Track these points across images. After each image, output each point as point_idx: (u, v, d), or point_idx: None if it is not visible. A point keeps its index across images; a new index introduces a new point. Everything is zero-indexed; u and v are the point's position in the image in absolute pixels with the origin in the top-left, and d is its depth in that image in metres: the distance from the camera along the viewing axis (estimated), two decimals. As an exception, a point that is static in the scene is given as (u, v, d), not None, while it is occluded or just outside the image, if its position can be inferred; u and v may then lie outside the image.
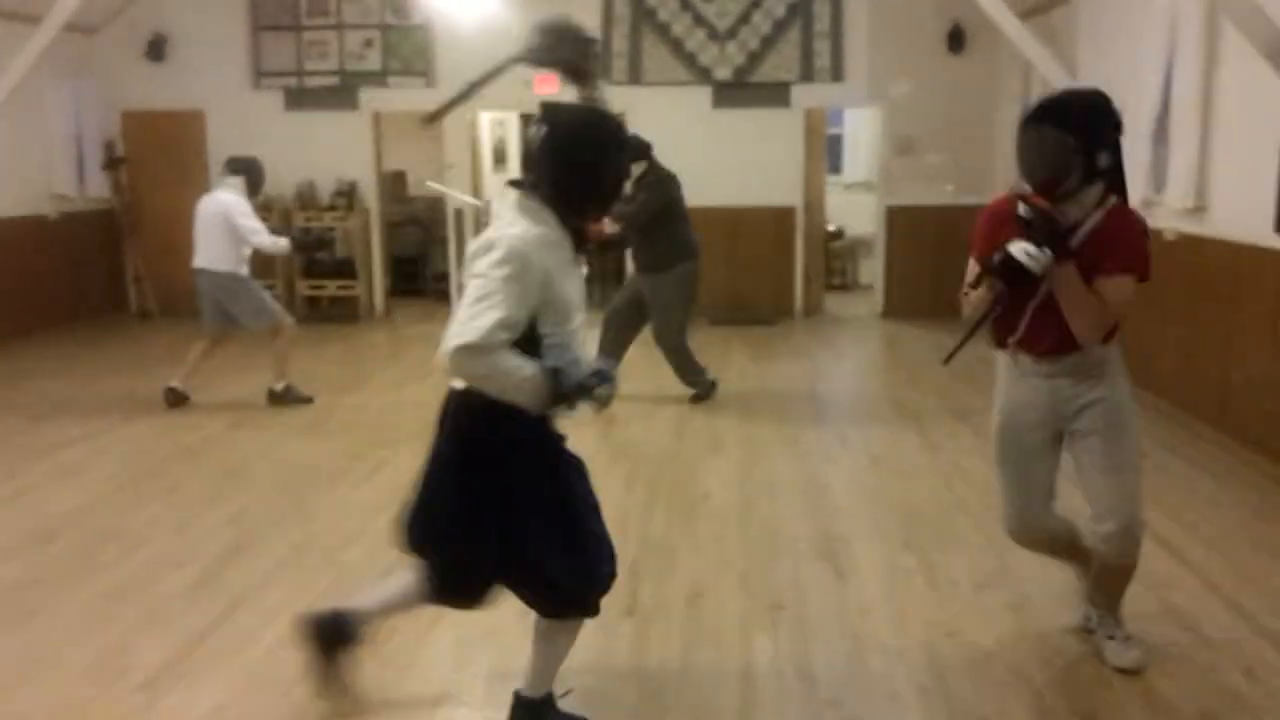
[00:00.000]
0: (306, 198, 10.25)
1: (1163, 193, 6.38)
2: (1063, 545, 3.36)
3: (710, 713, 3.04)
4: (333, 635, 2.97)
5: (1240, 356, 5.50)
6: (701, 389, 6.92)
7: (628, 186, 6.63)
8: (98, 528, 4.57)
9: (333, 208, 10.26)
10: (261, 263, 10.05)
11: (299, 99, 10.35)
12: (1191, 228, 6.08)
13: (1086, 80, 7.80)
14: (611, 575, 2.82)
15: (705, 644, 3.43)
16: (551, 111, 2.69)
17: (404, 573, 2.94)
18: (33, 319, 9.34)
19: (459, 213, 10.50)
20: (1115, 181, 2.99)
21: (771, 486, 5.13)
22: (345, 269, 10.37)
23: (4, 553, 4.28)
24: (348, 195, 10.30)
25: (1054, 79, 8.07)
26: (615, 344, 6.94)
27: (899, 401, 6.90)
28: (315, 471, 5.39)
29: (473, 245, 2.67)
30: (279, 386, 6.82)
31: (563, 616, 2.81)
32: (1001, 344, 3.19)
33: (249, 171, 6.79)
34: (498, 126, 11.89)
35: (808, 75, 10.04)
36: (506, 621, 3.60)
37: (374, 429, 6.22)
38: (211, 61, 10.29)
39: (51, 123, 9.60)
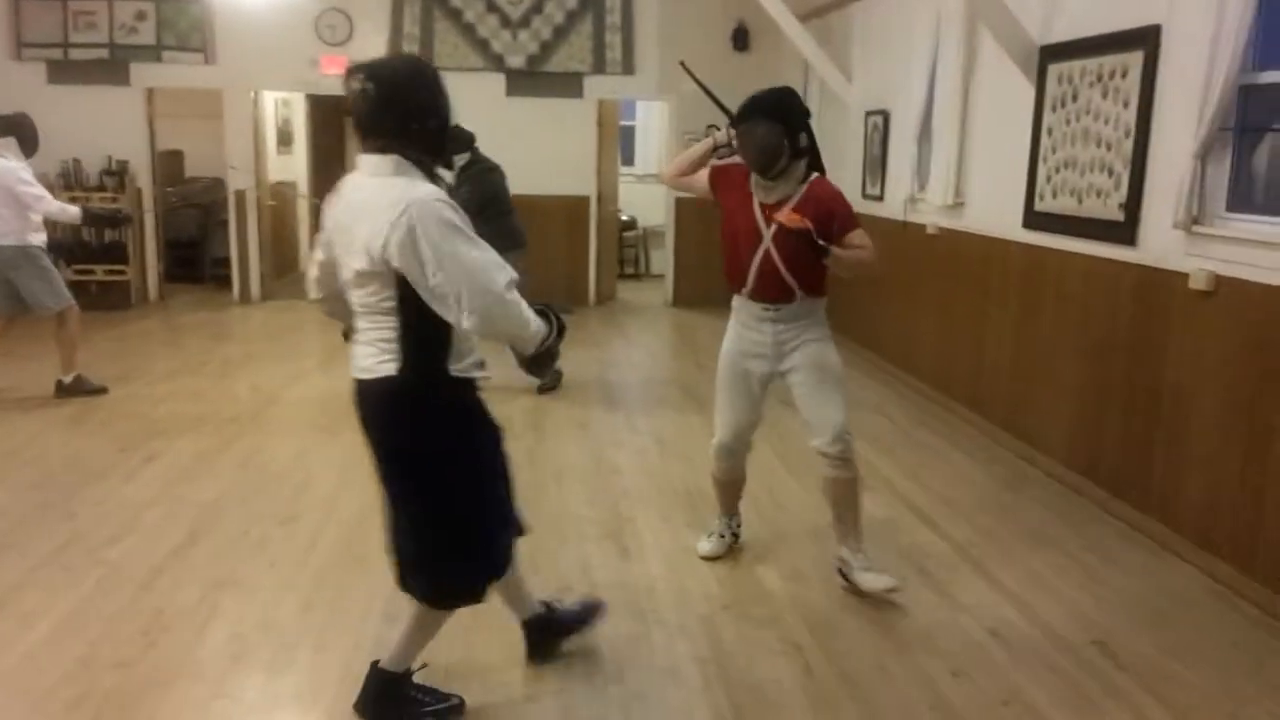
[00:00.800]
0: (72, 177, 9.58)
1: (925, 189, 6.83)
2: (741, 472, 4.10)
3: (497, 692, 3.08)
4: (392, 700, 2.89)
5: (991, 342, 5.96)
6: (550, 380, 6.88)
7: (450, 178, 6.59)
8: None
9: (101, 188, 9.64)
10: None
11: (64, 72, 9.67)
12: (950, 223, 6.53)
13: (860, 81, 8.25)
14: (507, 559, 2.93)
15: (491, 626, 3.45)
16: (370, 68, 2.59)
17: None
18: None
19: (240, 195, 10.08)
20: (813, 158, 3.68)
21: (561, 470, 5.20)
22: (115, 252, 9.75)
23: None
24: (118, 175, 9.69)
25: (830, 79, 8.49)
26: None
27: (686, 387, 7.11)
28: (80, 465, 5.09)
29: (339, 217, 2.61)
30: (68, 378, 6.33)
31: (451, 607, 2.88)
32: (736, 289, 3.85)
33: (20, 130, 6.19)
34: (283, 106, 11.44)
35: (600, 66, 10.15)
36: (282, 616, 3.53)
37: (146, 420, 5.91)
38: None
39: None
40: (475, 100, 9.82)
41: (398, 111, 2.55)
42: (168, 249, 10.58)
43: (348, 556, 4.07)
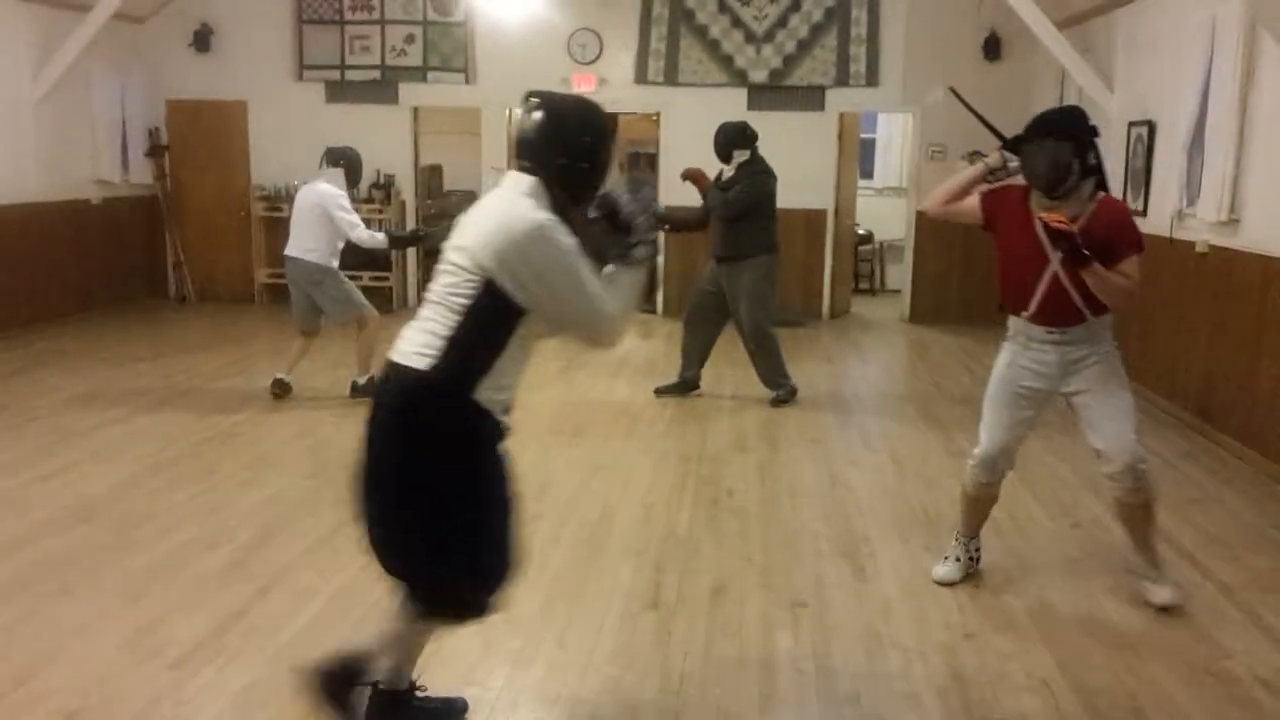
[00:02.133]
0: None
1: (1195, 205, 6.37)
2: (995, 491, 3.98)
3: (731, 706, 3.10)
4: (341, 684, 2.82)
5: (1267, 370, 5.49)
6: (784, 391, 6.86)
7: (727, 172, 6.75)
8: (133, 508, 4.68)
9: (370, 200, 10.37)
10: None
11: (340, 92, 10.49)
12: (1223, 240, 6.07)
13: (1122, 90, 7.80)
14: (502, 580, 2.72)
15: (727, 639, 3.48)
16: (547, 98, 2.70)
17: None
18: (75, 302, 9.50)
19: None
20: (1100, 177, 3.62)
21: (794, 486, 5.17)
22: (380, 260, 10.47)
23: (43, 529, 4.40)
24: (385, 188, 10.41)
25: (1090, 88, 8.07)
26: (700, 344, 6.95)
27: (923, 405, 6.92)
28: (347, 457, 5.44)
29: (469, 214, 2.66)
30: (362, 379, 6.77)
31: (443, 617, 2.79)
32: (1015, 312, 3.78)
33: (348, 162, 6.76)
34: (533, 123, 11.96)
35: (843, 79, 10.06)
36: (527, 610, 3.69)
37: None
38: (256, 53, 10.44)
39: (98, 110, 9.75)
40: (717, 115, 9.94)
41: (555, 143, 2.63)
42: (426, 257, 11.24)
43: (589, 557, 4.20)
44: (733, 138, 6.71)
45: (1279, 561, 4.29)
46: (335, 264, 6.67)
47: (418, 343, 2.61)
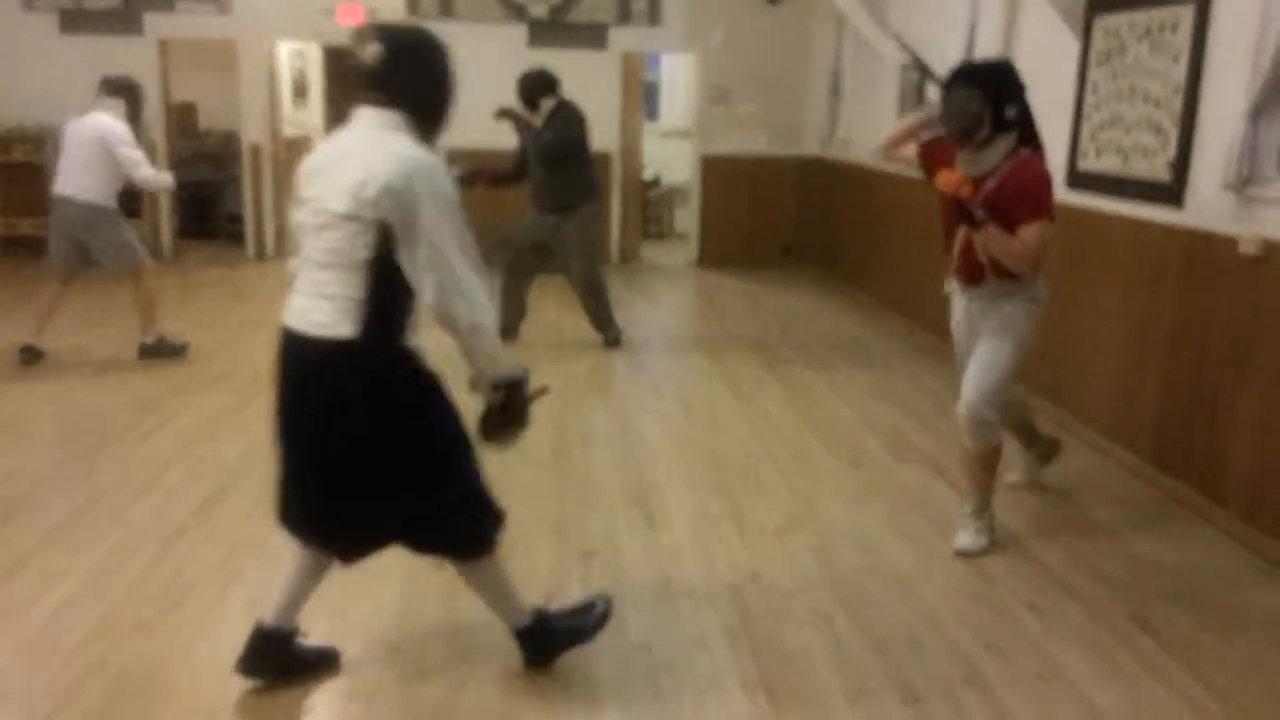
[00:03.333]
0: (87, 129, 9.46)
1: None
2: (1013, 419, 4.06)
3: (518, 658, 3.00)
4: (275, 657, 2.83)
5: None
6: (614, 333, 6.93)
7: (537, 121, 6.58)
8: None
9: (117, 141, 9.51)
10: (37, 199, 9.34)
11: (76, 22, 9.52)
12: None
13: (896, 37, 8.03)
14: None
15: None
16: (387, 30, 2.58)
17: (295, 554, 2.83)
18: None
19: (254, 149, 9.96)
20: (1026, 134, 3.55)
21: (586, 435, 5.11)
22: (128, 208, 9.65)
23: None
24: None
25: (866, 33, 8.27)
26: (517, 294, 6.84)
27: (712, 351, 6.99)
28: (100, 424, 5.03)
29: (320, 163, 2.55)
30: (149, 339, 6.24)
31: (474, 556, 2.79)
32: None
33: (130, 93, 6.19)
34: (297, 58, 11.28)
35: (625, 17, 9.95)
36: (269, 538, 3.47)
37: (163, 379, 5.85)
38: (-26, -23, 9.33)
39: None
40: (495, 52, 9.66)
41: (406, 72, 2.53)
42: (180, 205, 10.47)
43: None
44: (536, 86, 6.59)
45: (1038, 491, 4.54)
46: (114, 205, 6.09)
47: (327, 311, 2.48)
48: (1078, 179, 5.25)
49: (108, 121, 6.00)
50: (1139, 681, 3.01)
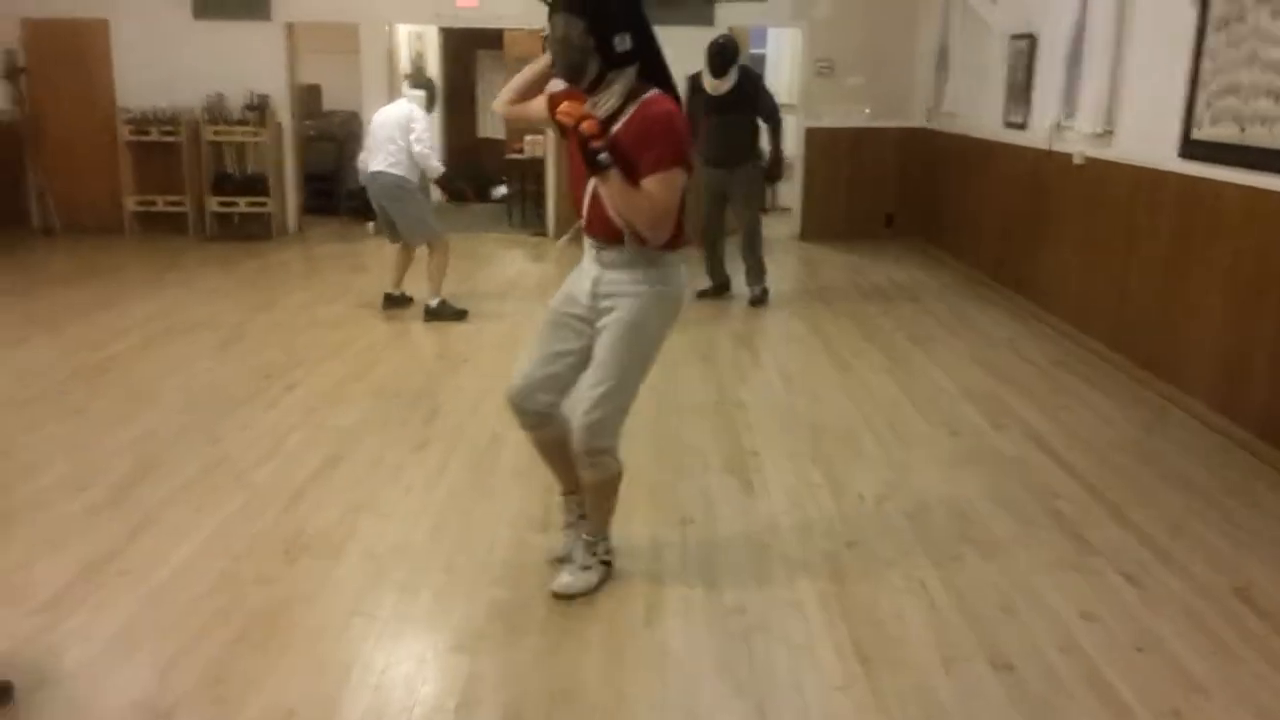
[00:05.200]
0: (216, 111, 9.92)
1: (1074, 117, 6.49)
2: (548, 438, 3.22)
3: (619, 620, 3.11)
4: None
5: (1136, 279, 5.67)
6: (762, 287, 7.48)
7: (720, 86, 7.06)
8: (-3, 450, 4.46)
9: (243, 122, 9.95)
10: (170, 177, 9.85)
11: (208, 7, 9.94)
12: (1098, 152, 6.20)
13: (1005, 4, 7.85)
14: None
15: (616, 557, 3.49)
16: None
17: None
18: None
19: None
20: (651, 70, 2.93)
21: (683, 403, 5.19)
22: (257, 185, 10.10)
23: None
24: (259, 109, 9.98)
25: (975, 2, 8.11)
26: (719, 256, 7.64)
27: (812, 321, 7.01)
28: (225, 392, 5.32)
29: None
30: (434, 302, 6.87)
31: None
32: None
33: (430, 87, 6.97)
34: (416, 40, 11.58)
35: (731, -9, 9.93)
36: (415, 539, 3.65)
37: (286, 349, 6.13)
38: (115, -33, 9.82)
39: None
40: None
41: None
42: (305, 182, 10.87)
43: (475, 483, 4.16)
44: (732, 52, 7.04)
45: (1141, 462, 4.46)
46: (416, 182, 6.78)
47: None
48: (1192, 148, 5.09)
49: (411, 109, 6.70)
50: (1238, 654, 2.97)
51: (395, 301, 7.08)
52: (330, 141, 11.46)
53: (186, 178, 9.92)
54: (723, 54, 7.04)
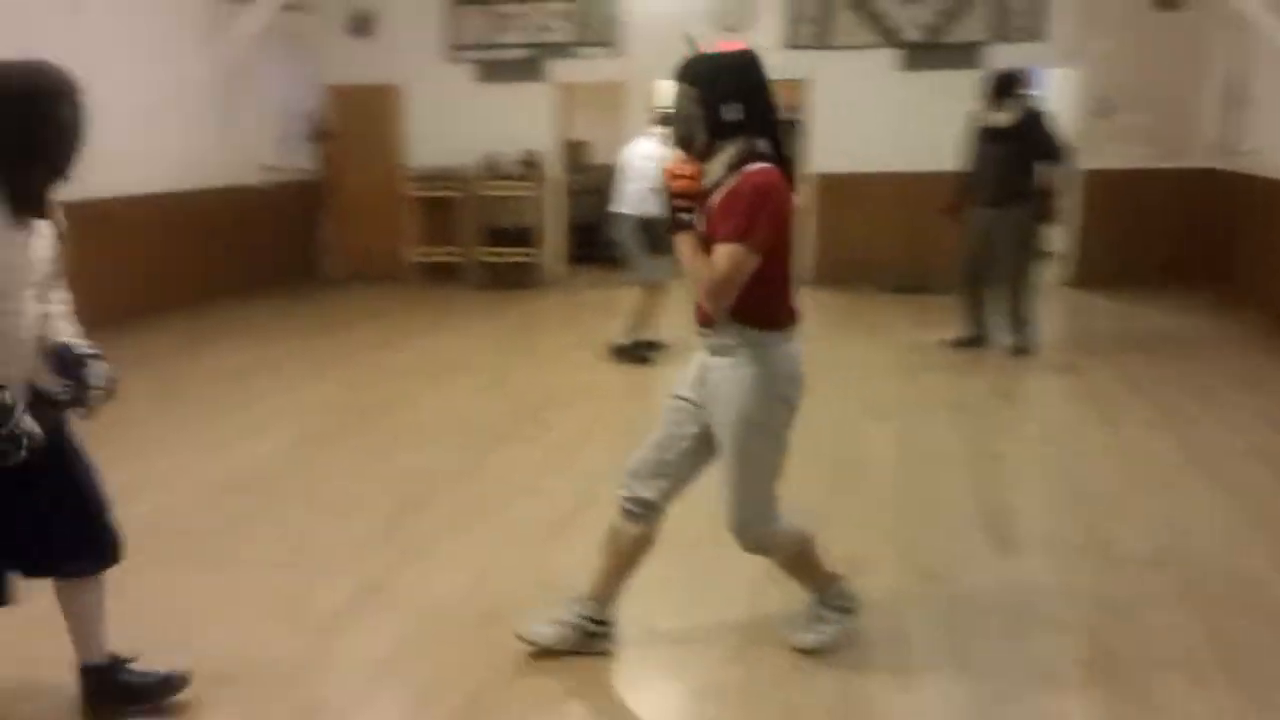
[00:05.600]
0: (492, 168, 10.58)
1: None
2: (629, 536, 3.15)
3: (863, 677, 3.03)
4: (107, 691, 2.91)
5: None
6: (1027, 339, 6.99)
7: (1000, 119, 6.86)
8: (286, 478, 4.88)
9: (516, 177, 10.55)
10: (448, 230, 10.57)
11: (490, 71, 10.65)
12: None
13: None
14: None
15: (854, 602, 3.41)
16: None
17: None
18: (239, 281, 9.89)
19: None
20: (765, 139, 2.85)
21: (933, 452, 5.02)
22: (526, 237, 10.66)
23: (202, 501, 4.61)
24: (531, 165, 10.56)
25: (1276, 38, 7.48)
26: (979, 303, 7.16)
27: (1079, 372, 6.61)
28: (490, 429, 5.60)
29: None
30: (626, 341, 7.03)
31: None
32: None
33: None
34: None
35: (1003, 34, 9.64)
36: (672, 580, 3.68)
37: (546, 391, 6.41)
38: (410, 37, 10.70)
39: (263, 96, 10.19)
40: (865, 79, 9.72)
41: None
42: (571, 232, 11.35)
43: (715, 530, 4.17)
44: (1009, 83, 6.89)
45: None
46: (639, 218, 6.85)
47: None
48: None
49: (645, 146, 6.90)
50: None
51: (641, 347, 7.07)
52: (595, 194, 11.93)
53: (462, 230, 10.62)
54: (998, 84, 6.87)
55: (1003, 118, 6.84)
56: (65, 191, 2.57)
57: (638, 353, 6.98)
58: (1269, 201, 8.07)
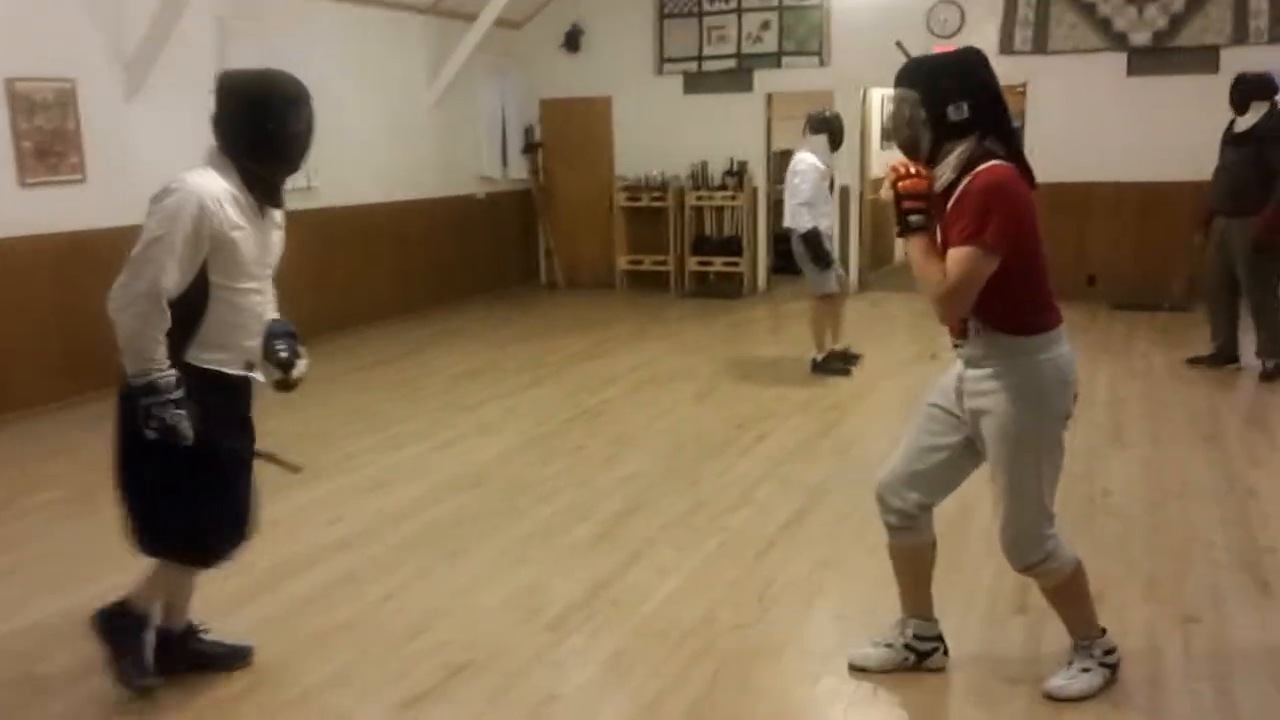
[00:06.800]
0: (699, 178, 10.63)
1: None
2: (907, 546, 3.04)
3: (1111, 721, 2.85)
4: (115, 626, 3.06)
5: None
6: (1277, 366, 6.55)
7: (1241, 123, 6.56)
8: (514, 479, 5.03)
9: (723, 187, 10.56)
10: (657, 238, 10.69)
11: (697, 82, 10.72)
12: None
13: None
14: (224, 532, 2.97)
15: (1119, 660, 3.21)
16: (220, 78, 2.90)
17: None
18: (460, 288, 10.36)
19: (844, 190, 10.45)
20: (997, 138, 2.73)
21: (1184, 487, 4.68)
22: (732, 246, 10.65)
23: (437, 495, 4.83)
24: (738, 175, 10.54)
25: None
26: (1230, 312, 6.76)
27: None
28: (702, 439, 5.61)
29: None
30: (819, 355, 6.99)
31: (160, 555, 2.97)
32: None
33: (828, 129, 6.88)
34: (890, 103, 11.68)
35: (1241, 36, 8.98)
36: (883, 604, 3.58)
37: (756, 401, 6.37)
38: (620, 50, 10.90)
39: (481, 111, 10.59)
40: (1088, 84, 9.26)
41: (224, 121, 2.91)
42: (774, 243, 11.27)
43: (944, 553, 4.02)
44: (1253, 89, 6.51)
45: None
46: (810, 228, 6.66)
47: None
48: None
49: (797, 158, 6.76)
50: None
51: (836, 358, 6.97)
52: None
53: (671, 239, 10.72)
54: (1239, 86, 6.53)
55: (1242, 122, 6.47)
56: (298, 201, 2.88)
57: (835, 366, 6.89)
58: None
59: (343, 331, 8.49)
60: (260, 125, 2.80)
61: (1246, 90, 6.51)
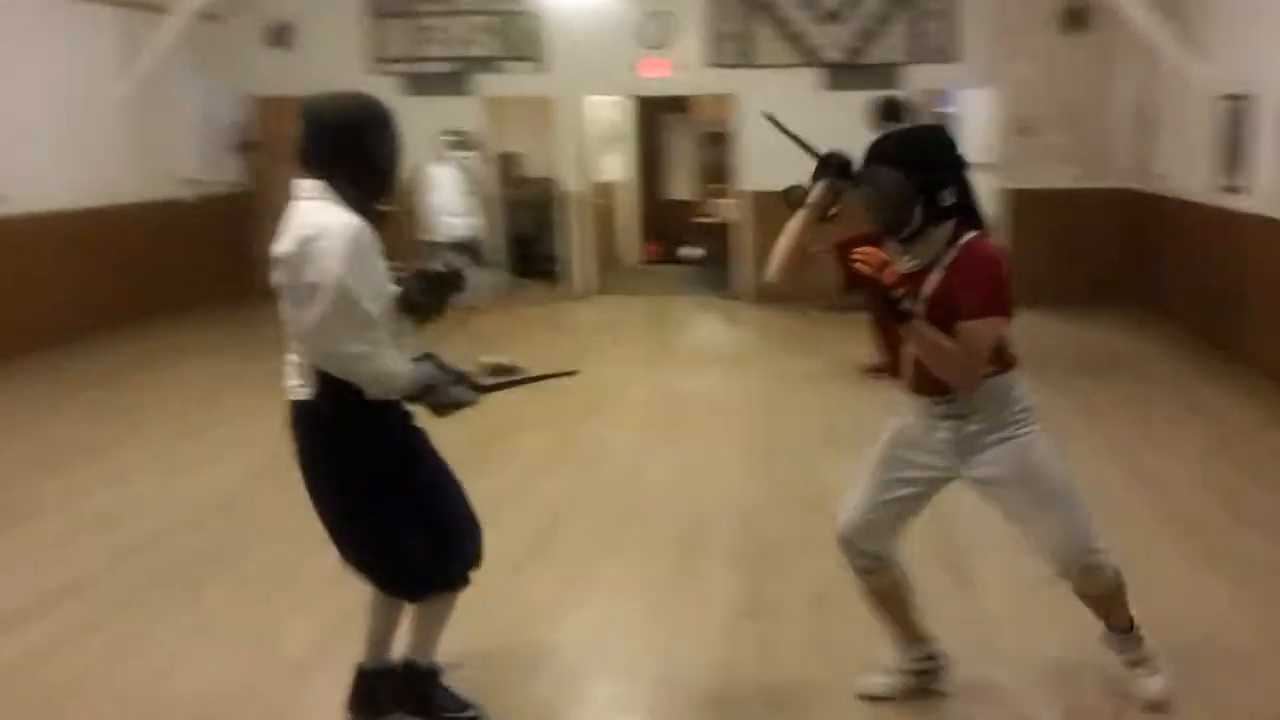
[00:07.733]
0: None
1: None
2: (881, 586, 3.10)
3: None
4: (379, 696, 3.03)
5: None
6: None
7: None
8: (246, 512, 4.80)
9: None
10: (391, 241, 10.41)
11: (417, 84, 10.55)
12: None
13: (1217, 64, 7.53)
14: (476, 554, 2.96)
15: (830, 648, 3.43)
16: (307, 105, 2.87)
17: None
18: (172, 299, 9.65)
19: (566, 196, 10.63)
20: (968, 217, 2.82)
21: (839, 491, 4.97)
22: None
23: (190, 523, 4.63)
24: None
25: (1178, 62, 7.81)
26: None
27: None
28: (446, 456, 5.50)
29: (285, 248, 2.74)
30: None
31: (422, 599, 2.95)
32: (900, 383, 2.97)
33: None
34: (614, 109, 11.98)
35: (920, 56, 9.89)
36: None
37: (495, 414, 6.25)
38: (332, 48, 10.55)
39: (181, 108, 9.95)
40: (790, 96, 9.83)
41: (326, 145, 2.87)
42: (510, 246, 11.25)
43: (684, 558, 4.21)
44: (894, 106, 7.18)
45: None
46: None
47: (294, 377, 2.75)
48: None
49: (449, 173, 7.38)
50: None
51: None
52: (529, 208, 11.83)
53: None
54: (881, 109, 7.22)
55: None
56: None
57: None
58: (1179, 219, 8.39)
59: (46, 349, 7.82)
60: (364, 150, 2.83)
61: (888, 112, 7.19)
